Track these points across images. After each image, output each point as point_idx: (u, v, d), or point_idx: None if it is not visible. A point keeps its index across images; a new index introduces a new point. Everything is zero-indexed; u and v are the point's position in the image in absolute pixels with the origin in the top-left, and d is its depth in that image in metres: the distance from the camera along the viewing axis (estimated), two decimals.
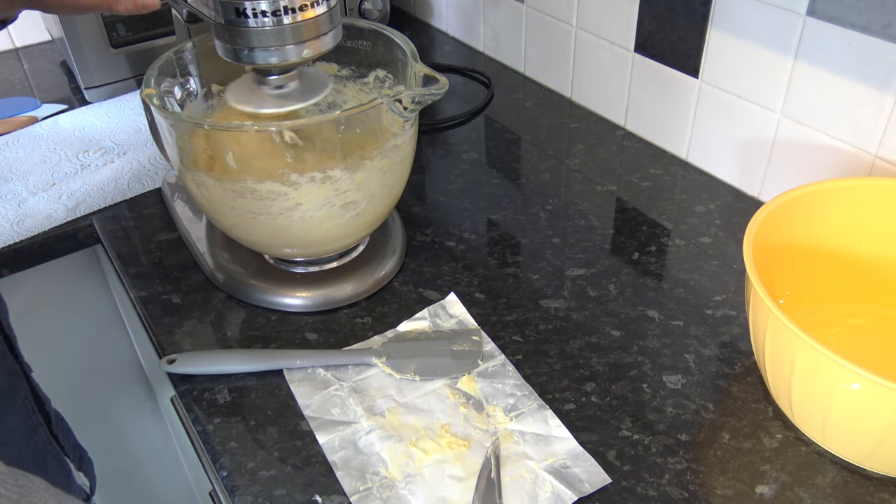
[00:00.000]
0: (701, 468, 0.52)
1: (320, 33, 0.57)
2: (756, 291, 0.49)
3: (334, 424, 0.55)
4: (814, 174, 0.71)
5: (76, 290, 0.91)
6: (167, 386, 0.77)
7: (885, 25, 0.61)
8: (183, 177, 0.62)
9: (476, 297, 0.67)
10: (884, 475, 0.51)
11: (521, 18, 1.00)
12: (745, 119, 0.76)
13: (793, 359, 0.48)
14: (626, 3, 0.83)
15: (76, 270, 0.89)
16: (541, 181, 0.83)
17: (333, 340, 0.63)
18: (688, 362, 0.60)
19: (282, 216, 0.59)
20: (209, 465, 0.56)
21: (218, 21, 0.56)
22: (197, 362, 0.60)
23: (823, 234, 0.61)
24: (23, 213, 0.79)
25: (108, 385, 1.00)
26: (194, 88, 0.68)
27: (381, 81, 0.70)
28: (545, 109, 0.96)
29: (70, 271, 0.89)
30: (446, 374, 0.59)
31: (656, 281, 0.68)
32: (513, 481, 0.51)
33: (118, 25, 0.98)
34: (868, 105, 0.64)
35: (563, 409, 0.56)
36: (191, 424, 0.58)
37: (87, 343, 0.95)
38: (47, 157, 0.88)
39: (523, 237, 0.74)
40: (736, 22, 0.72)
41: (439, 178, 0.84)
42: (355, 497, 0.50)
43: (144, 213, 0.79)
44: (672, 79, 0.81)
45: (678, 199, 0.79)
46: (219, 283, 0.68)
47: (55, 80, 1.08)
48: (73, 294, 0.91)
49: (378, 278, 0.68)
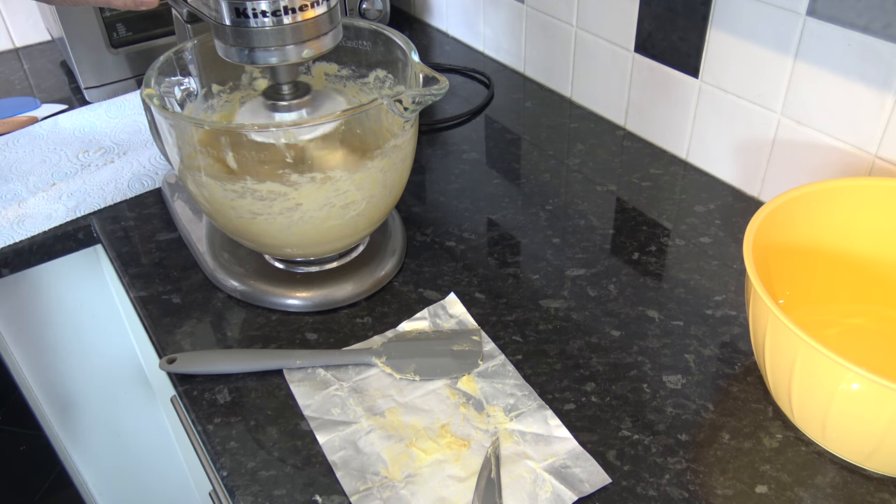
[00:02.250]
0: (701, 468, 0.52)
1: (320, 33, 0.57)
2: (756, 291, 0.49)
3: (334, 424, 0.55)
4: (814, 174, 0.71)
5: (76, 290, 0.91)
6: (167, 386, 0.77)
7: (886, 25, 0.61)
8: (183, 177, 0.62)
9: (476, 297, 0.67)
10: (884, 475, 0.51)
11: (521, 18, 1.00)
12: (745, 119, 0.76)
13: (793, 359, 0.48)
14: (626, 3, 0.83)
15: (76, 270, 0.89)
16: (541, 181, 0.83)
17: (333, 340, 0.63)
18: (688, 362, 0.60)
19: (282, 216, 0.59)
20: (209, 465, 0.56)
21: (218, 21, 0.56)
22: (197, 362, 0.60)
23: (823, 234, 0.61)
24: (23, 213, 0.79)
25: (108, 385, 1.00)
26: (194, 88, 0.68)
27: (381, 81, 0.70)
28: (545, 109, 0.96)
29: (70, 271, 0.89)
30: (446, 374, 0.59)
31: (656, 281, 0.68)
32: (513, 481, 0.51)
33: (118, 25, 0.98)
34: (868, 105, 0.64)
35: (563, 409, 0.56)
36: (191, 424, 0.58)
37: (87, 343, 0.95)
38: (47, 157, 0.88)
39: (523, 237, 0.74)
40: (736, 22, 0.72)
41: (439, 178, 0.84)
42: (355, 497, 0.50)
43: (144, 213, 0.79)
44: (672, 79, 0.82)
45: (678, 199, 0.79)
46: (219, 283, 0.68)
47: (55, 80, 1.08)
48: (73, 294, 0.91)
49: (378, 278, 0.68)
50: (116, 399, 1.02)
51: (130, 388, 1.03)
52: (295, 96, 0.62)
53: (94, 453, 1.05)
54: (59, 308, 0.91)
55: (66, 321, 0.92)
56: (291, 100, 0.62)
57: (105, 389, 1.00)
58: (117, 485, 1.10)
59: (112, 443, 1.05)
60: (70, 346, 0.94)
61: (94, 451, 1.05)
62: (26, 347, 0.91)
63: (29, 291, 0.87)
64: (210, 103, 0.70)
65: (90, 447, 1.04)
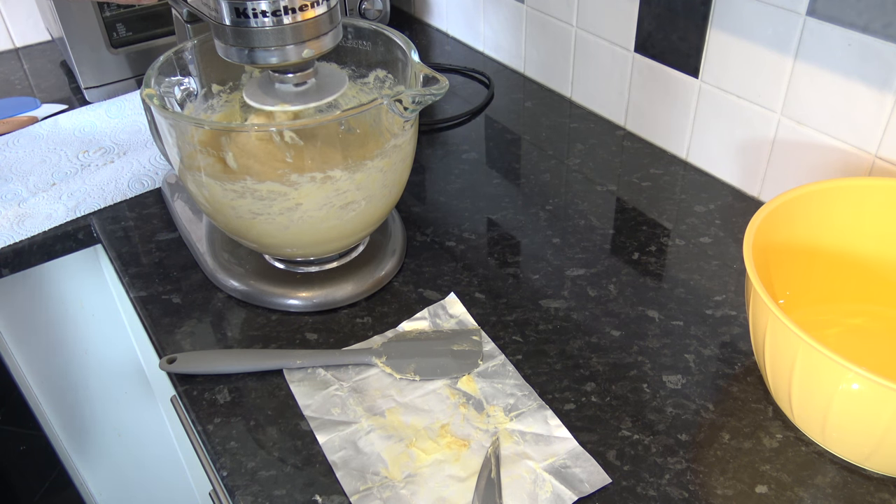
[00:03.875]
0: (701, 468, 0.52)
1: (320, 33, 0.57)
2: (756, 291, 0.49)
3: (334, 424, 0.55)
4: (814, 174, 0.71)
5: (76, 290, 0.91)
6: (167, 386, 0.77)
7: (886, 25, 0.61)
8: (183, 177, 0.62)
9: (476, 297, 0.67)
10: (884, 475, 0.51)
11: (521, 18, 1.00)
12: (745, 119, 0.76)
13: (793, 359, 0.48)
14: (626, 3, 0.83)
15: (76, 270, 0.89)
16: (541, 181, 0.83)
17: (333, 340, 0.63)
18: (688, 362, 0.60)
19: (282, 216, 0.59)
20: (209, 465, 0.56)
21: (218, 21, 0.56)
22: (197, 362, 0.60)
23: (823, 234, 0.61)
24: (23, 213, 0.79)
25: (108, 385, 1.00)
26: (194, 88, 0.68)
27: (381, 81, 0.70)
28: (545, 109, 0.96)
29: (70, 271, 0.89)
30: (446, 374, 0.59)
31: (656, 281, 0.68)
32: (513, 481, 0.51)
33: (118, 25, 0.98)
34: (868, 105, 0.64)
35: (563, 409, 0.56)
36: (191, 424, 0.58)
37: (87, 343, 0.95)
38: (47, 157, 0.88)
39: (523, 237, 0.74)
40: (736, 22, 0.72)
41: (439, 178, 0.84)
42: (355, 497, 0.50)
43: (144, 213, 0.79)
44: (672, 79, 0.82)
45: (678, 199, 0.79)
46: (219, 283, 0.68)
47: (55, 80, 1.08)
48: (73, 294, 0.91)
49: (378, 278, 0.68)
50: (116, 399, 1.02)
51: (130, 388, 1.03)
52: (298, 69, 0.60)
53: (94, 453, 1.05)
54: (59, 308, 0.91)
55: (66, 321, 0.92)
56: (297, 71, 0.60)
57: (105, 389, 1.00)
58: (117, 485, 1.10)
59: (112, 443, 1.05)
60: (70, 346, 0.94)
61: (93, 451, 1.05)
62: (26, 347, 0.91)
63: (29, 291, 0.87)
64: (210, 103, 0.70)
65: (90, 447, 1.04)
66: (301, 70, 0.60)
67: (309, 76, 0.61)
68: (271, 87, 0.61)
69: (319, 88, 0.61)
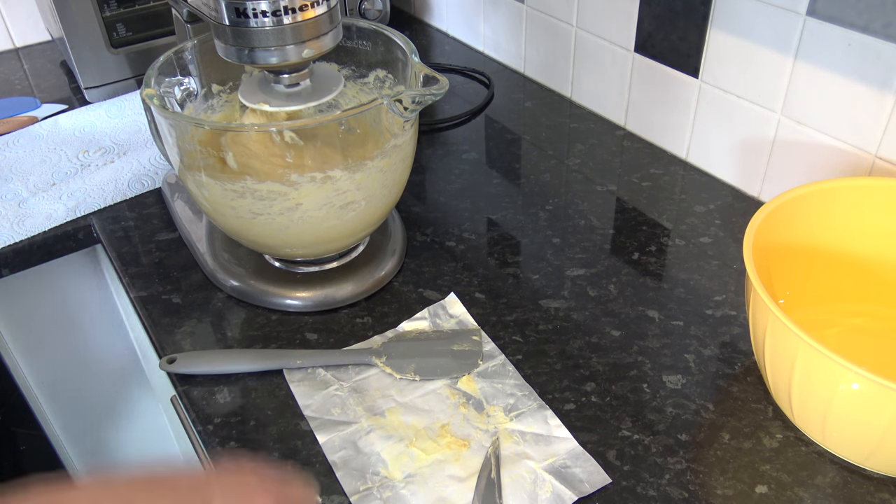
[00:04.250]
0: (701, 468, 0.52)
1: (320, 33, 0.57)
2: (756, 291, 0.49)
3: (334, 424, 0.55)
4: (814, 174, 0.71)
5: (76, 290, 0.91)
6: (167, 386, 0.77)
7: (886, 25, 0.61)
8: (183, 177, 0.62)
9: (476, 297, 0.67)
10: (884, 475, 0.51)
11: (521, 18, 1.00)
12: (745, 119, 0.76)
13: (793, 359, 0.48)
14: (626, 3, 0.83)
15: (76, 270, 0.89)
16: (541, 181, 0.83)
17: (333, 340, 0.63)
18: (688, 362, 0.60)
19: (282, 216, 0.59)
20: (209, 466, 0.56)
21: (218, 21, 0.56)
22: (197, 362, 0.60)
23: (823, 234, 0.61)
24: (23, 213, 0.79)
25: (108, 385, 1.00)
26: (194, 88, 0.68)
27: (381, 81, 0.70)
28: (545, 109, 0.96)
29: (70, 271, 0.89)
30: (446, 374, 0.59)
31: (656, 281, 0.68)
32: (513, 481, 0.51)
33: (118, 25, 0.98)
34: (868, 105, 0.64)
35: (563, 409, 0.56)
36: (191, 424, 0.58)
37: (87, 343, 0.95)
38: (47, 157, 0.88)
39: (523, 237, 0.74)
40: (736, 22, 0.72)
41: (439, 178, 0.84)
42: (355, 497, 0.50)
43: (144, 213, 0.79)
44: (672, 79, 0.81)
45: (678, 199, 0.79)
46: (219, 283, 0.68)
47: (55, 80, 1.08)
48: (73, 294, 0.91)
49: (378, 278, 0.68)
50: (116, 399, 1.02)
51: (130, 388, 1.03)
52: (294, 69, 0.60)
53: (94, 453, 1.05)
54: (59, 308, 0.91)
55: (66, 321, 0.92)
56: (291, 72, 0.60)
57: (105, 389, 1.00)
58: None
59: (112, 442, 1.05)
60: (70, 346, 0.94)
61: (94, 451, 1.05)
62: (26, 347, 0.91)
63: (29, 291, 0.87)
64: (210, 103, 0.70)
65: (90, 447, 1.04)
66: (296, 70, 0.60)
67: (304, 76, 0.61)
68: (267, 87, 0.61)
69: (315, 89, 0.61)
